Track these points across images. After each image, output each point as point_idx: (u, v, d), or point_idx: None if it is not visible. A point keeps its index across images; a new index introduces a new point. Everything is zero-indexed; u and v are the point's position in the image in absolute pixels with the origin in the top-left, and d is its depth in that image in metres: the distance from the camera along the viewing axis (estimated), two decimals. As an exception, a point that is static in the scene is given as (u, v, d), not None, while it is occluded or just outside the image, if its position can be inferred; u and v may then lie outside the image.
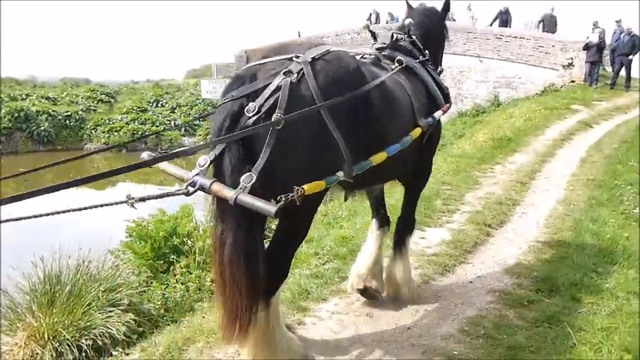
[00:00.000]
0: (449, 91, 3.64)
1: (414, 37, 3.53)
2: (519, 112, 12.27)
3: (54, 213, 1.68)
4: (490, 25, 19.25)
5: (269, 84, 2.24)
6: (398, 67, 3.10)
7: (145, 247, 5.51)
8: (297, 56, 2.33)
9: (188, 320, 3.56)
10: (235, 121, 2.21)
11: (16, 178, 1.83)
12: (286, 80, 2.22)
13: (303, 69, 2.28)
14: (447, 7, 3.91)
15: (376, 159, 2.58)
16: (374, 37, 3.55)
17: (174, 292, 4.61)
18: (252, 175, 2.09)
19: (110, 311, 3.78)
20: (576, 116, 12.00)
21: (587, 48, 15.79)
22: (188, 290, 4.71)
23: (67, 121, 24.64)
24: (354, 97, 2.39)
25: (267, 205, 1.98)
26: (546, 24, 18.59)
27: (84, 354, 3.46)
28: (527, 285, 3.77)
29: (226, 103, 2.25)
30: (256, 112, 2.18)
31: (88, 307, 3.73)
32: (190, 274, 5.04)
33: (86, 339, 3.52)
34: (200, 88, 28.55)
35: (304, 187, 2.10)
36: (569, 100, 13.53)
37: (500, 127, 10.60)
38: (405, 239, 3.55)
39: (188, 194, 2.11)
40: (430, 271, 4.04)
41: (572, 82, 16.46)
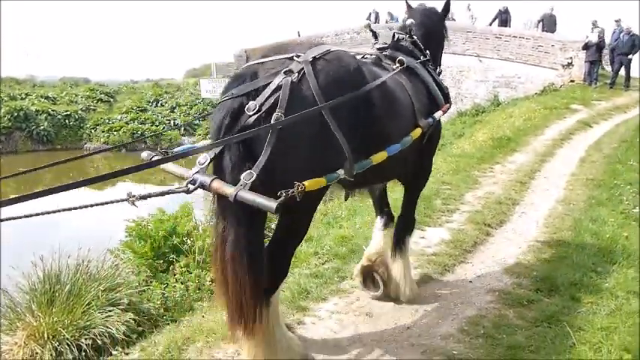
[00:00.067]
0: (449, 92, 3.65)
1: (415, 38, 3.53)
2: (519, 111, 12.26)
3: (55, 211, 1.68)
4: (489, 25, 19.24)
5: (269, 83, 2.23)
6: (399, 68, 3.11)
7: (145, 246, 5.51)
8: (298, 55, 2.33)
9: (188, 320, 3.56)
10: (235, 119, 2.21)
11: (16, 177, 1.83)
12: (287, 79, 2.22)
13: (303, 68, 2.28)
14: (447, 8, 3.92)
15: (377, 158, 2.58)
16: (375, 36, 3.54)
17: (173, 292, 4.61)
18: (252, 173, 2.08)
19: (110, 311, 3.77)
20: (576, 116, 12.00)
21: (587, 47, 15.79)
22: (188, 290, 4.71)
23: (67, 121, 24.60)
24: (355, 96, 2.39)
25: (268, 201, 1.98)
26: (546, 23, 18.59)
27: (83, 353, 3.46)
28: (526, 284, 3.77)
29: (226, 101, 2.24)
30: (257, 111, 2.18)
31: (87, 306, 3.73)
32: (190, 273, 5.04)
33: (86, 338, 3.52)
34: (200, 87, 28.49)
35: (305, 183, 2.11)
36: (568, 100, 13.53)
37: (500, 126, 10.60)
38: (405, 239, 3.56)
39: (189, 192, 2.10)
40: (430, 271, 4.04)
41: (572, 81, 16.47)
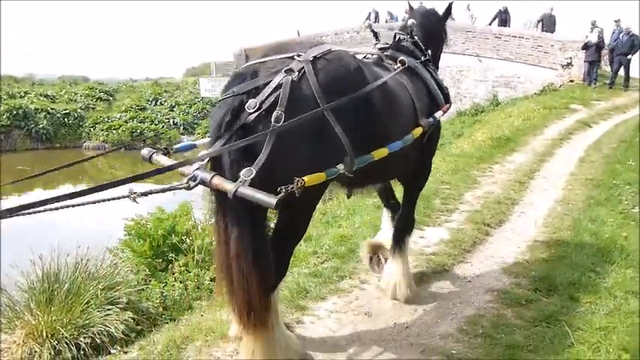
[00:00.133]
0: (449, 92, 3.66)
1: (416, 38, 3.55)
2: (518, 111, 12.26)
3: (56, 209, 1.68)
4: (489, 25, 19.24)
5: (270, 81, 2.25)
6: (400, 68, 3.12)
7: (144, 245, 5.50)
8: (299, 55, 2.35)
9: (186, 319, 3.56)
10: (236, 117, 2.22)
11: (18, 177, 1.83)
12: (287, 78, 2.24)
13: (304, 67, 2.29)
14: (448, 12, 3.96)
15: (378, 154, 2.60)
16: (376, 37, 3.56)
17: (172, 291, 4.59)
18: (251, 170, 2.10)
19: (108, 309, 3.76)
20: (575, 116, 12.01)
21: (586, 47, 15.81)
22: (187, 289, 4.70)
23: (66, 119, 24.52)
24: (356, 96, 2.40)
25: (268, 197, 1.99)
26: (545, 23, 18.60)
27: (82, 352, 3.45)
28: (525, 284, 3.77)
29: (227, 99, 2.26)
30: (257, 109, 2.20)
31: (86, 305, 3.72)
32: (189, 272, 5.03)
33: (84, 337, 3.50)
34: (199, 86, 28.49)
35: (304, 179, 2.12)
36: (567, 100, 13.54)
37: (499, 126, 10.59)
38: (405, 238, 3.56)
39: (189, 188, 2.12)
40: (429, 271, 4.04)
41: (571, 81, 16.49)
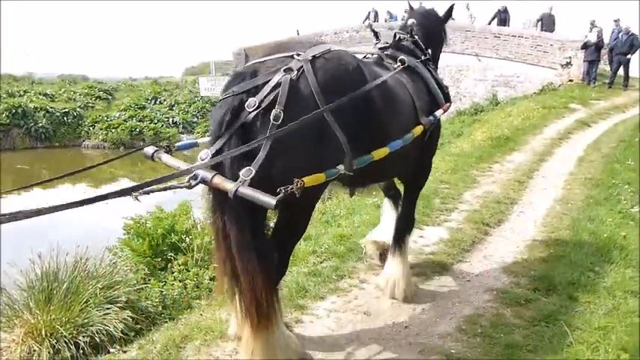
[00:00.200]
0: (449, 91, 3.67)
1: (416, 37, 3.55)
2: (517, 111, 12.26)
3: (58, 209, 1.68)
4: (488, 24, 19.23)
5: (269, 80, 2.27)
6: (400, 67, 3.13)
7: (143, 244, 5.49)
8: (298, 54, 2.36)
9: (186, 318, 3.55)
10: (236, 116, 2.25)
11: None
12: (286, 77, 2.26)
13: (303, 66, 2.31)
14: (449, 13, 3.98)
15: (378, 154, 2.61)
16: (376, 36, 3.57)
17: (171, 290, 4.59)
18: (251, 169, 2.12)
19: (107, 308, 3.76)
20: (574, 115, 12.01)
21: (586, 47, 15.82)
22: (186, 288, 4.70)
23: (65, 118, 24.46)
24: (355, 95, 2.41)
25: (267, 197, 2.01)
26: (545, 23, 18.58)
27: (81, 351, 3.45)
28: (524, 284, 3.77)
29: (227, 98, 2.29)
30: (256, 108, 2.22)
31: (85, 304, 3.71)
32: (188, 271, 5.03)
33: (83, 336, 3.50)
34: (198, 85, 28.51)
35: (304, 180, 2.13)
36: (567, 99, 13.55)
37: (499, 126, 10.60)
38: (404, 238, 3.57)
39: (190, 187, 2.14)
40: (428, 270, 4.04)
41: (571, 81, 16.49)
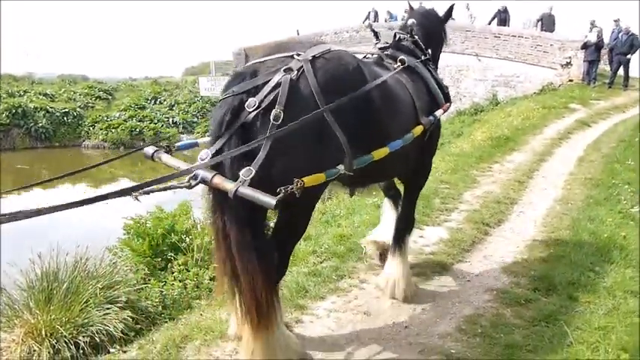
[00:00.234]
0: (449, 91, 3.67)
1: (416, 37, 3.55)
2: (517, 111, 12.26)
3: (58, 209, 1.68)
4: (488, 24, 19.23)
5: (269, 80, 2.27)
6: (400, 67, 3.13)
7: (143, 244, 5.49)
8: (298, 54, 2.36)
9: (186, 318, 3.55)
10: (236, 116, 2.25)
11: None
12: (286, 77, 2.26)
13: (303, 66, 2.31)
14: (449, 13, 3.98)
15: (378, 154, 2.61)
16: (377, 36, 3.57)
17: (171, 290, 4.60)
18: (251, 169, 2.12)
19: (107, 308, 3.76)
20: (574, 115, 12.01)
21: (586, 47, 15.82)
22: (186, 288, 4.70)
23: (65, 118, 24.46)
24: (355, 95, 2.41)
25: (267, 197, 2.01)
26: (545, 23, 18.58)
27: (81, 351, 3.45)
28: (524, 284, 3.77)
29: (227, 98, 2.29)
30: (256, 108, 2.22)
31: (85, 304, 3.72)
32: (188, 271, 5.03)
33: (83, 336, 3.50)
34: (198, 85, 28.54)
35: (304, 180, 2.13)
36: (567, 99, 13.55)
37: (499, 126, 10.60)
38: (404, 238, 3.57)
39: (190, 187, 2.14)
40: (428, 270, 4.04)
41: (571, 81, 16.49)
